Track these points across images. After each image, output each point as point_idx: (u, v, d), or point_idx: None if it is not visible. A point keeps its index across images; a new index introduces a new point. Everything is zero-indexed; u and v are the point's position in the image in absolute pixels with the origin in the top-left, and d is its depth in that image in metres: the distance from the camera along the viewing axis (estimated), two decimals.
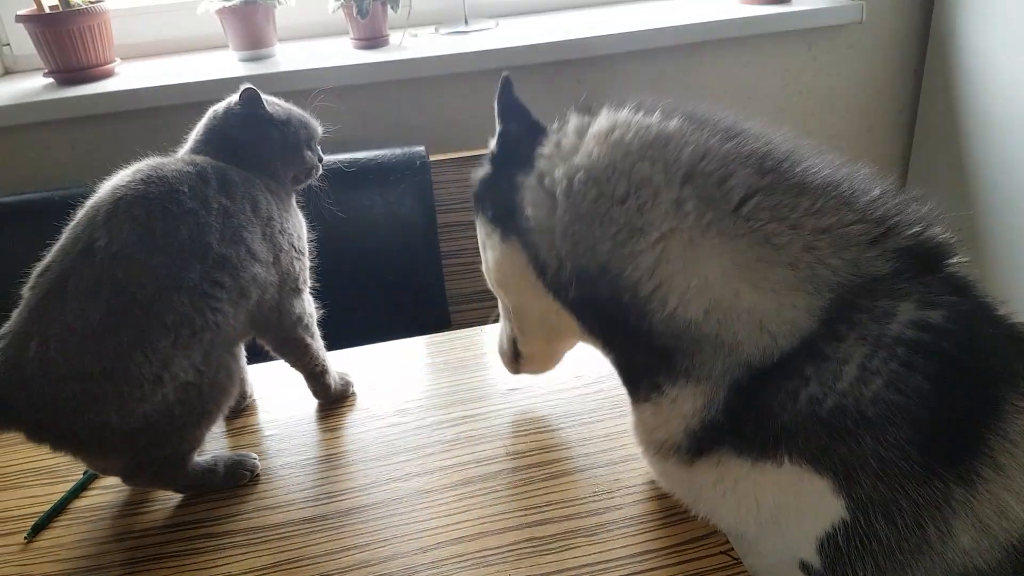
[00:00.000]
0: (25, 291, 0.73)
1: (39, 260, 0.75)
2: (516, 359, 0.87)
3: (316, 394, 0.94)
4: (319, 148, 0.93)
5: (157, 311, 0.71)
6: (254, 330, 0.84)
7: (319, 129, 0.93)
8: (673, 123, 0.66)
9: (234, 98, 0.86)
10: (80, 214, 0.75)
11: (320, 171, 0.93)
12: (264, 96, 0.87)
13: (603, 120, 0.70)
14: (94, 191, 0.78)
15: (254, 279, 0.79)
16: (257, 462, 0.84)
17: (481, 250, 0.80)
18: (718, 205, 0.62)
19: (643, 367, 0.69)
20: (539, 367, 0.89)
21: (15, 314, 0.72)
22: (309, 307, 0.90)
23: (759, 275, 0.61)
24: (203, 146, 0.85)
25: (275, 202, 0.85)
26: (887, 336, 0.59)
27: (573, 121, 0.72)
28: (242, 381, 0.89)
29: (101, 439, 0.72)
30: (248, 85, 0.85)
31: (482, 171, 0.79)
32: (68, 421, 0.70)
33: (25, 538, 0.77)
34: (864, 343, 0.59)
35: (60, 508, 0.81)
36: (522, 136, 0.75)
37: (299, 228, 0.89)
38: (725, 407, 0.63)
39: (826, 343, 0.60)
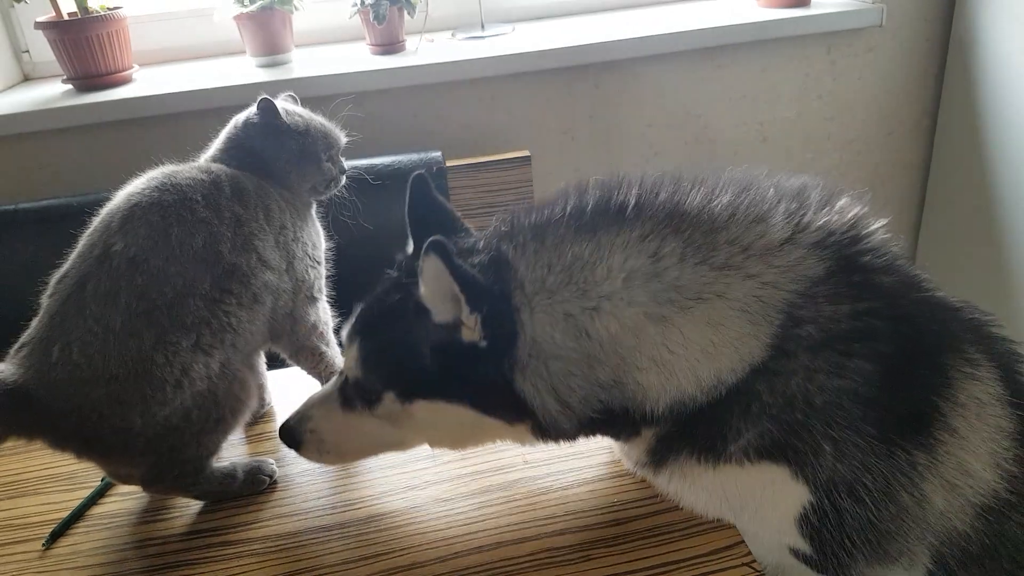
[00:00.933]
0: (44, 299, 0.73)
1: (58, 266, 0.75)
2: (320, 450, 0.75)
3: None
4: (342, 159, 0.92)
5: (177, 313, 0.72)
6: (271, 337, 0.84)
7: (342, 140, 0.92)
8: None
9: (253, 107, 0.86)
10: (96, 221, 0.76)
11: (342, 182, 0.93)
12: (284, 105, 0.87)
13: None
14: (110, 198, 0.78)
15: (266, 286, 0.79)
16: (275, 467, 0.83)
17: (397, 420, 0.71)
18: (659, 291, 0.63)
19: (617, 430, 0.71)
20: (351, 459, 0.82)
21: (35, 322, 0.72)
22: (324, 315, 0.89)
23: (716, 337, 0.62)
24: (222, 154, 0.86)
25: (289, 211, 0.85)
26: (828, 336, 0.62)
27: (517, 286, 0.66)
28: (260, 388, 0.89)
29: (125, 444, 0.72)
30: (264, 95, 0.85)
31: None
32: (94, 426, 0.70)
33: (43, 545, 0.77)
34: (810, 351, 0.62)
35: (78, 515, 0.80)
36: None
37: (314, 237, 0.89)
38: (674, 425, 0.66)
39: (776, 362, 0.62)
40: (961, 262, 1.75)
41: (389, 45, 1.53)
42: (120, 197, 0.77)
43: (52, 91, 1.48)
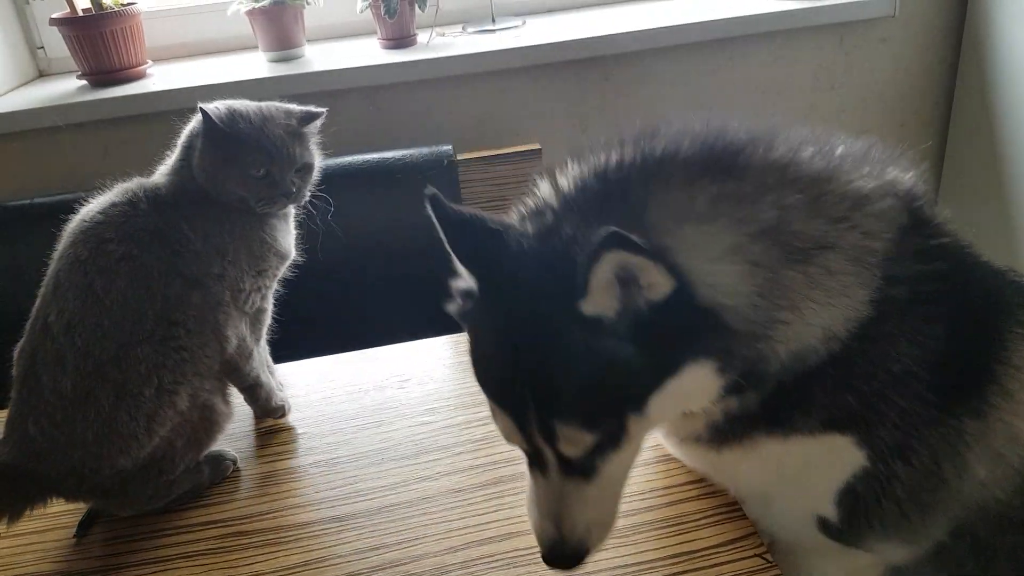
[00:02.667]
0: (13, 372, 0.75)
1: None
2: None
3: (248, 402, 0.91)
4: (292, 180, 0.81)
5: (129, 364, 0.73)
6: None
7: (298, 157, 0.82)
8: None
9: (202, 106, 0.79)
10: (40, 291, 0.77)
11: (283, 202, 0.82)
12: (231, 108, 0.79)
13: None
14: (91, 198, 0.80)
15: (204, 302, 0.78)
16: (234, 453, 0.86)
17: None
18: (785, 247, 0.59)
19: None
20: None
21: (12, 394, 0.75)
22: (248, 330, 0.84)
23: (831, 288, 0.59)
24: (175, 162, 0.83)
25: (225, 218, 0.79)
26: (914, 298, 0.61)
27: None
28: (266, 392, 0.89)
29: (123, 482, 0.75)
30: (200, 104, 0.78)
31: None
32: (91, 478, 0.74)
33: (74, 535, 0.78)
34: (898, 315, 0.61)
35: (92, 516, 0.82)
36: None
37: (259, 248, 0.82)
38: (760, 400, 0.63)
39: (873, 326, 0.60)
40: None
41: (400, 39, 1.53)
42: (53, 260, 0.77)
43: (67, 87, 1.50)
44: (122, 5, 1.46)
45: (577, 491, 0.59)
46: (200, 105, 0.77)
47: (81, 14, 1.44)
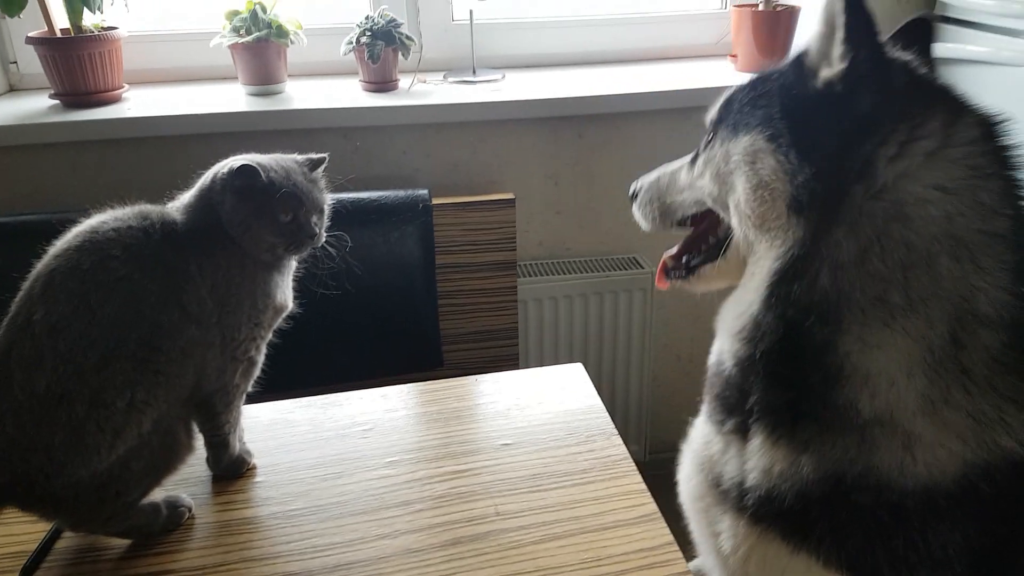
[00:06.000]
0: None
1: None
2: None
3: (207, 461, 0.90)
4: (315, 222, 0.84)
5: (108, 375, 0.72)
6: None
7: (321, 200, 0.85)
8: (1000, 232, 0.58)
9: (234, 166, 0.80)
10: (24, 285, 0.75)
11: (310, 246, 0.85)
12: (265, 161, 0.81)
13: (953, 163, 0.58)
14: (88, 216, 0.78)
15: (192, 340, 0.78)
16: (190, 500, 0.84)
17: (727, 144, 0.66)
18: (959, 349, 0.57)
19: (760, 409, 0.64)
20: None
21: None
22: (238, 378, 0.85)
23: (939, 412, 0.58)
24: (192, 202, 0.82)
25: (235, 265, 0.80)
26: (994, 513, 0.58)
27: (933, 127, 0.59)
28: (221, 448, 0.88)
29: (76, 496, 0.73)
30: (245, 163, 0.79)
31: (796, 84, 0.62)
32: (43, 486, 0.71)
33: None
34: (979, 502, 0.57)
35: (44, 550, 0.79)
36: (871, 85, 0.58)
37: (261, 298, 0.83)
38: (802, 491, 0.61)
39: (949, 500, 0.57)
40: None
41: (382, 83, 1.55)
42: (47, 257, 0.76)
43: (38, 105, 1.48)
44: (102, 29, 1.46)
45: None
46: (243, 163, 0.79)
47: (59, 35, 1.42)
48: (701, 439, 0.71)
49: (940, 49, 1.66)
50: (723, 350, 0.68)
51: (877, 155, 0.57)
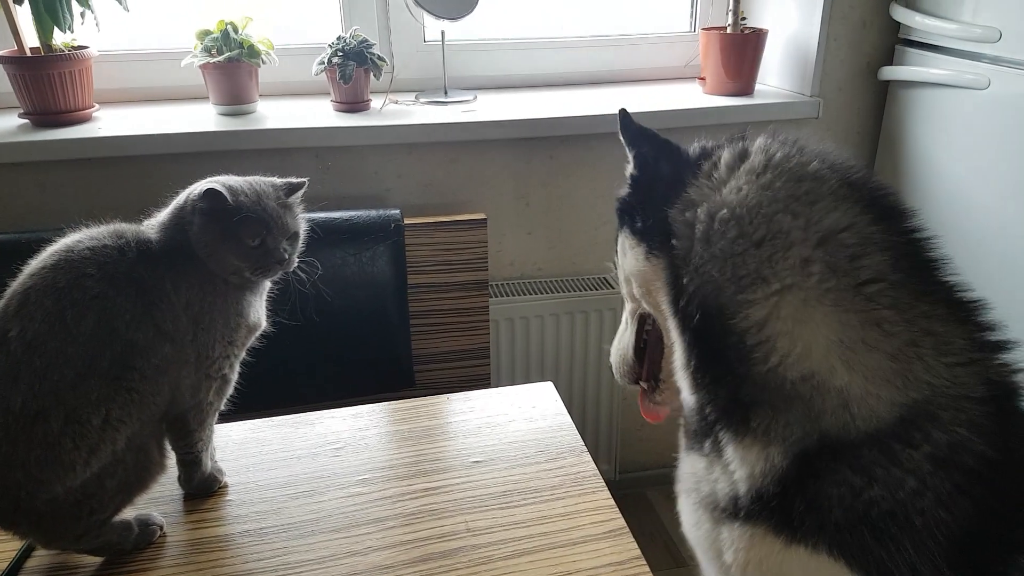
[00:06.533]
0: None
1: None
2: (639, 373, 0.82)
3: (179, 480, 0.90)
4: (284, 247, 0.84)
5: (84, 391, 0.73)
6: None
7: (292, 226, 0.85)
8: (826, 183, 0.66)
9: (202, 188, 0.80)
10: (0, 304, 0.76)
11: (278, 271, 0.86)
12: (234, 184, 0.82)
13: (757, 157, 0.69)
14: (61, 235, 0.79)
15: (167, 358, 0.78)
16: (162, 519, 0.85)
17: (620, 256, 0.80)
18: (843, 276, 0.62)
19: (717, 417, 0.68)
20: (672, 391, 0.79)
21: None
22: (212, 396, 0.85)
23: (857, 357, 0.61)
24: (166, 222, 0.83)
25: (207, 285, 0.81)
26: (954, 460, 0.60)
27: (726, 154, 0.71)
28: (215, 472, 0.90)
29: (54, 511, 0.73)
30: (210, 186, 0.79)
31: (624, 190, 0.78)
32: (27, 503, 0.72)
33: None
34: (932, 460, 0.60)
35: (17, 568, 0.79)
36: (659, 157, 0.75)
37: (234, 317, 0.84)
38: (780, 480, 0.63)
39: (900, 446, 0.60)
40: None
41: (354, 104, 1.56)
42: (23, 275, 0.76)
43: (6, 124, 1.47)
44: (73, 48, 1.45)
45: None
46: (209, 187, 0.79)
47: (29, 54, 1.42)
48: (688, 471, 0.74)
49: (903, 72, 1.72)
50: (683, 387, 0.72)
51: (689, 186, 0.70)
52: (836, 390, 0.62)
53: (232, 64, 1.49)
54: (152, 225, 0.83)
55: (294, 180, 0.88)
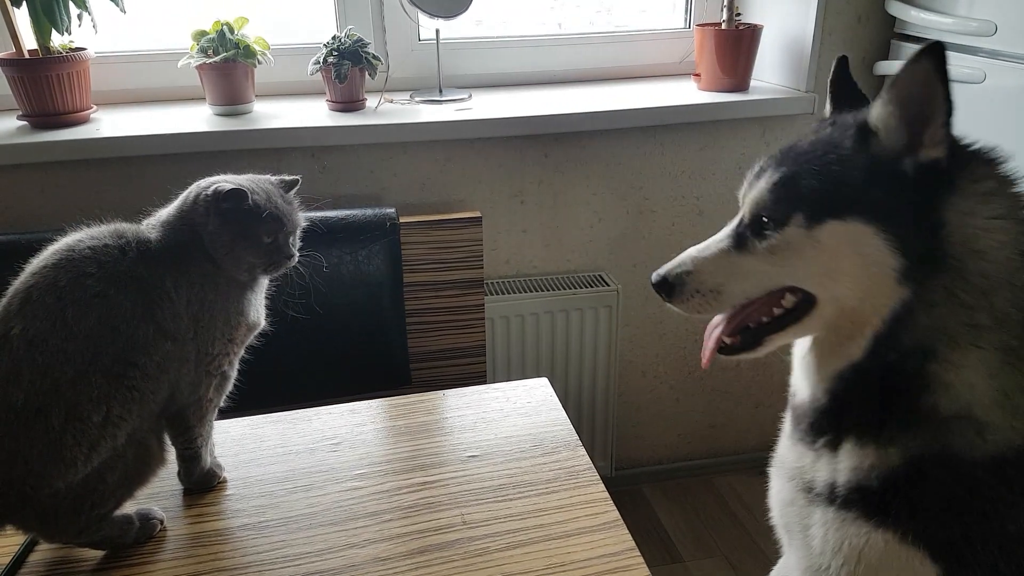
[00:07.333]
0: None
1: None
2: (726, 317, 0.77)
3: (179, 475, 0.91)
4: (292, 243, 0.87)
5: (84, 388, 0.74)
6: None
7: (299, 221, 0.88)
8: None
9: (211, 187, 0.82)
10: (1, 302, 0.77)
11: (287, 266, 0.87)
12: (245, 183, 0.83)
13: (1001, 197, 0.66)
14: (62, 235, 0.80)
15: (168, 355, 0.80)
16: (162, 513, 0.86)
17: (819, 239, 0.68)
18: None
19: (850, 427, 0.70)
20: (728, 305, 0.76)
21: None
22: (211, 393, 0.87)
23: (1011, 401, 0.64)
24: (170, 221, 0.84)
25: (210, 283, 0.82)
26: None
27: (982, 173, 0.66)
28: (214, 468, 0.91)
29: (56, 506, 0.75)
30: (234, 187, 0.81)
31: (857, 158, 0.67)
32: (33, 498, 0.73)
33: None
34: None
35: (18, 563, 0.80)
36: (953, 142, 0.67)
37: (235, 315, 0.85)
38: (887, 477, 0.67)
39: (1014, 471, 0.64)
40: None
41: (349, 103, 1.57)
42: (24, 274, 0.77)
43: (5, 126, 1.48)
44: (71, 50, 1.46)
45: (715, 248, 0.73)
46: (232, 187, 0.80)
47: (27, 56, 1.43)
48: (792, 456, 0.77)
49: (898, 67, 1.73)
50: (815, 387, 0.73)
51: (946, 207, 0.65)
52: (981, 423, 0.65)
53: (228, 65, 1.50)
54: (152, 224, 0.84)
55: (288, 177, 0.90)
